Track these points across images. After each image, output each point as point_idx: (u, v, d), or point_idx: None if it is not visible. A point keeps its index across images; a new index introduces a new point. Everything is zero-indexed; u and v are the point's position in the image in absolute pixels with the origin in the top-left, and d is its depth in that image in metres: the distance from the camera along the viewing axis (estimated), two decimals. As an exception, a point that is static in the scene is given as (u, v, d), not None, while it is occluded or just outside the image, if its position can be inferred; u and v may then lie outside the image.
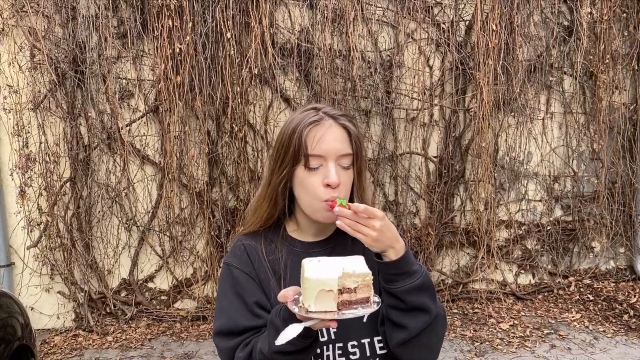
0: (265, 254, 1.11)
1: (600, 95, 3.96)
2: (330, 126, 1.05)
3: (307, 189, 1.04)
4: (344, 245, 1.11)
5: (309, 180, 1.04)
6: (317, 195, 1.03)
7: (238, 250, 1.13)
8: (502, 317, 3.80)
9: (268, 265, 1.09)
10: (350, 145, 1.06)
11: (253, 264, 1.09)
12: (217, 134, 3.61)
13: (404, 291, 0.94)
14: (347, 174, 1.05)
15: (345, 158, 1.05)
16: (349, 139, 1.06)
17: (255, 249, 1.12)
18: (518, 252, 4.19)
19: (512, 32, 3.71)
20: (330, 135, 1.04)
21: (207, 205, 3.61)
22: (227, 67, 3.41)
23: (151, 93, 3.61)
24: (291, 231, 1.16)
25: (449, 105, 3.85)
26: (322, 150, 1.03)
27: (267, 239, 1.13)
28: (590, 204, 4.18)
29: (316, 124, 1.05)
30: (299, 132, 1.04)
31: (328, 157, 1.03)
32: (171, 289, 3.78)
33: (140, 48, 3.55)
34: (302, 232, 1.15)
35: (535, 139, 4.06)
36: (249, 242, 1.13)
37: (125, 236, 3.69)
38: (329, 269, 0.85)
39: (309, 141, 1.03)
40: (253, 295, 1.05)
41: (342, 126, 1.06)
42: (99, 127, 3.57)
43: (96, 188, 3.61)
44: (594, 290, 4.15)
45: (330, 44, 3.58)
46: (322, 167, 1.04)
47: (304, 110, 1.10)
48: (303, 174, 1.04)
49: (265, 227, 1.15)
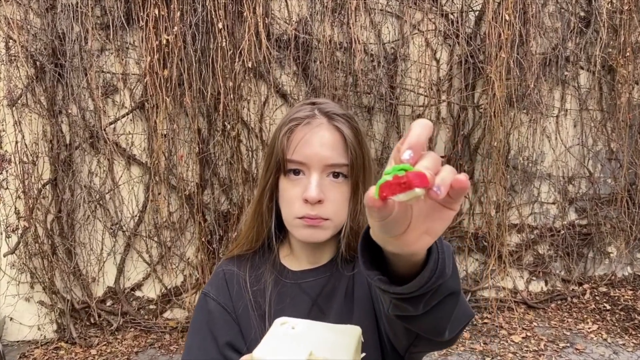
0: (249, 283, 0.92)
1: (619, 90, 3.70)
2: (319, 126, 0.83)
3: (285, 201, 0.85)
4: (341, 277, 0.91)
5: (287, 191, 0.84)
6: (292, 210, 0.83)
7: (217, 277, 0.95)
8: (514, 329, 3.55)
9: (251, 297, 0.90)
10: (345, 154, 0.83)
11: (231, 295, 0.91)
12: (208, 132, 3.36)
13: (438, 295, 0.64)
14: (338, 189, 0.84)
15: (336, 168, 0.83)
16: (343, 145, 0.83)
17: (237, 277, 0.93)
18: (530, 257, 3.94)
19: (525, 22, 3.45)
20: (317, 138, 0.82)
21: (198, 208, 3.37)
22: (218, 60, 3.15)
23: (137, 88, 3.36)
24: (283, 256, 0.96)
25: (457, 102, 3.59)
26: (303, 156, 0.81)
27: (254, 265, 0.95)
28: (607, 207, 3.93)
29: (302, 122, 0.83)
30: (280, 131, 0.83)
31: (311, 166, 0.82)
32: (160, 298, 3.54)
33: (125, 40, 3.30)
34: (296, 257, 0.95)
35: (548, 138, 3.80)
36: (231, 268, 0.95)
37: (111, 242, 3.45)
38: (291, 348, 0.62)
39: (289, 143, 0.82)
40: (226, 335, 0.88)
41: (335, 129, 0.83)
42: (82, 125, 3.32)
43: (79, 190, 3.36)
44: (611, 298, 3.90)
45: (330, 35, 3.32)
46: (304, 176, 0.83)
47: (301, 104, 0.89)
48: (283, 184, 0.85)
49: (254, 250, 0.95)
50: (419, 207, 0.50)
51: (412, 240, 0.52)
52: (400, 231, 0.51)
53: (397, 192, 0.43)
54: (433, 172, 0.45)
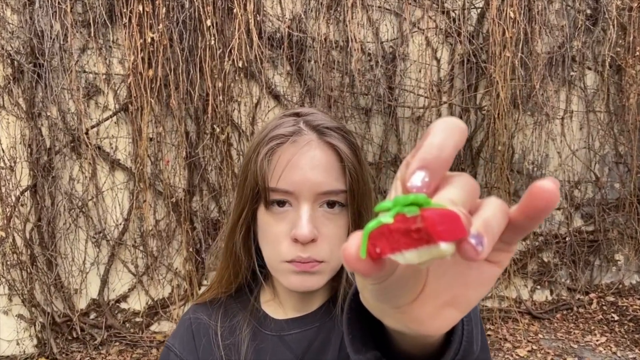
0: (220, 336, 0.75)
1: (627, 91, 3.54)
2: (308, 145, 0.65)
3: (267, 240, 0.67)
4: (334, 328, 0.75)
5: (269, 227, 0.67)
6: (277, 252, 0.66)
7: (182, 327, 0.78)
8: (519, 341, 3.39)
9: (222, 354, 0.74)
10: (342, 177, 0.66)
11: (198, 351, 0.76)
12: (196, 135, 3.18)
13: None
14: (335, 223, 0.66)
15: (331, 196, 0.65)
16: (340, 166, 0.66)
17: (205, 329, 0.77)
18: (534, 265, 3.78)
19: (530, 20, 3.29)
20: (307, 159, 0.65)
21: (186, 216, 3.19)
22: (207, 59, 2.97)
23: (122, 89, 3.18)
24: (265, 302, 0.79)
25: (459, 103, 3.42)
26: (290, 184, 0.64)
27: (228, 312, 0.77)
28: (614, 213, 3.77)
29: (285, 140, 0.66)
30: (257, 152, 0.66)
31: (300, 195, 0.64)
32: (146, 310, 3.35)
33: (107, 38, 3.12)
34: (280, 303, 0.78)
35: (553, 141, 3.64)
36: (199, 316, 0.78)
37: (94, 252, 3.26)
38: None
39: (270, 167, 0.65)
40: None
41: (329, 146, 0.66)
42: (62, 128, 3.13)
43: (60, 197, 3.18)
44: (619, 308, 3.74)
45: (325, 33, 3.15)
46: (291, 208, 0.66)
47: (282, 115, 0.71)
48: (264, 218, 0.67)
49: (229, 294, 0.79)
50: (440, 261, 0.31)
51: (427, 315, 0.33)
52: (407, 300, 0.33)
53: (402, 247, 0.25)
54: (467, 209, 0.28)
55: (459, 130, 0.29)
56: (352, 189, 0.66)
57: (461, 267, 0.33)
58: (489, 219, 0.28)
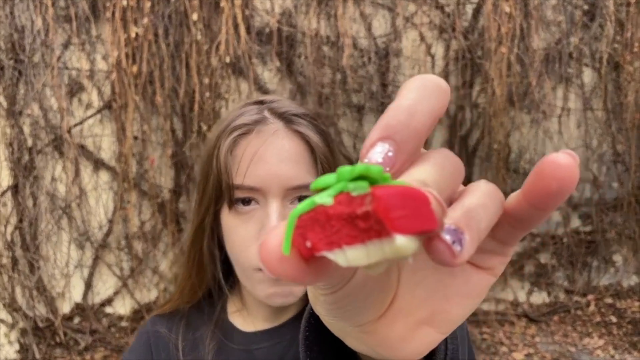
0: (182, 351, 0.67)
1: (625, 89, 3.46)
2: (274, 135, 0.58)
3: (234, 246, 0.60)
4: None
5: (235, 231, 0.59)
6: (247, 259, 0.59)
7: (140, 341, 0.71)
8: (515, 345, 3.30)
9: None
10: (314, 169, 0.59)
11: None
12: (183, 133, 3.08)
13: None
14: None
15: (303, 191, 0.59)
16: (310, 157, 0.59)
17: (165, 343, 0.69)
18: (531, 267, 3.70)
19: (527, 15, 3.21)
20: (274, 151, 0.58)
21: (173, 217, 3.09)
22: (193, 55, 2.88)
23: (106, 86, 3.08)
24: (232, 313, 0.71)
25: (454, 100, 3.34)
26: (257, 179, 0.57)
27: (191, 325, 0.70)
28: (612, 213, 3.70)
29: (249, 129, 0.58)
30: (218, 147, 0.58)
31: (268, 192, 0.57)
32: (132, 314, 3.26)
33: (91, 33, 3.02)
34: (249, 313, 0.70)
35: (550, 139, 3.56)
36: (159, 328, 0.70)
37: (77, 254, 3.17)
38: None
39: (234, 162, 0.58)
40: None
41: (297, 135, 0.59)
42: (45, 127, 3.03)
43: (42, 198, 3.08)
44: (617, 310, 3.66)
45: (316, 28, 3.06)
46: (258, 206, 0.59)
47: (244, 104, 0.63)
48: (228, 220, 0.60)
49: (192, 305, 0.72)
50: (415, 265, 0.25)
51: (398, 336, 0.25)
52: (371, 317, 0.25)
53: (343, 240, 0.17)
54: (445, 196, 0.21)
55: (437, 89, 0.21)
56: None
57: (442, 274, 0.25)
58: (474, 208, 0.20)
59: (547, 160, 0.20)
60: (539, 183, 0.20)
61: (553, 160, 0.20)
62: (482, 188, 0.22)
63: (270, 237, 0.19)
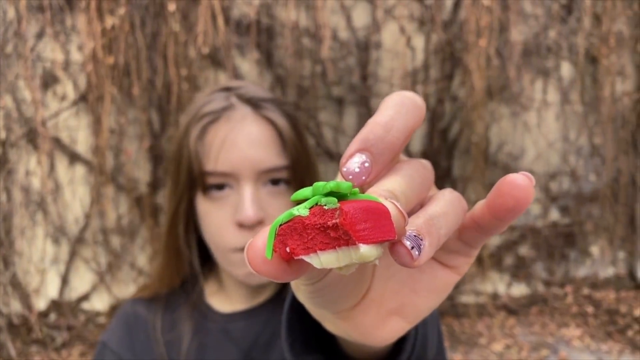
0: (160, 331, 0.70)
1: (602, 82, 3.51)
2: (243, 120, 0.60)
3: (209, 230, 0.63)
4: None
5: (210, 215, 0.62)
6: (224, 241, 0.61)
7: (118, 322, 0.73)
8: (494, 336, 3.34)
9: (162, 350, 0.68)
10: (283, 152, 0.61)
11: (135, 347, 0.71)
12: (160, 126, 3.05)
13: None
14: (280, 201, 0.62)
15: (273, 173, 0.61)
16: (279, 141, 0.61)
17: (144, 323, 0.72)
18: (510, 259, 3.74)
19: (506, 8, 3.23)
20: (243, 136, 0.60)
21: (150, 211, 3.06)
22: (171, 46, 2.84)
23: (81, 78, 3.02)
24: (210, 294, 0.74)
25: (434, 93, 3.35)
26: (228, 164, 0.59)
27: (170, 306, 0.73)
28: (590, 205, 3.75)
29: (217, 116, 0.61)
30: (188, 134, 0.62)
31: (240, 175, 0.59)
32: (110, 310, 3.22)
33: (65, 24, 2.96)
34: (227, 295, 0.73)
35: (529, 132, 3.60)
36: (138, 309, 0.73)
37: (53, 249, 3.11)
38: None
39: (205, 148, 0.60)
40: None
41: (265, 120, 0.62)
42: (17, 119, 2.97)
43: (17, 192, 3.02)
44: (594, 301, 3.73)
45: (295, 20, 3.04)
46: (231, 190, 0.60)
47: (211, 91, 0.65)
48: (203, 206, 0.63)
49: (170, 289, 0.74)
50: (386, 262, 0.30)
51: (370, 323, 0.29)
52: (347, 305, 0.29)
53: (317, 247, 0.21)
54: (415, 203, 0.25)
55: (413, 106, 0.26)
56: (294, 164, 0.62)
57: (411, 270, 0.29)
58: (435, 216, 0.24)
59: (506, 180, 0.24)
60: (498, 199, 0.24)
61: (511, 180, 0.23)
62: (446, 197, 0.25)
63: (256, 242, 0.22)
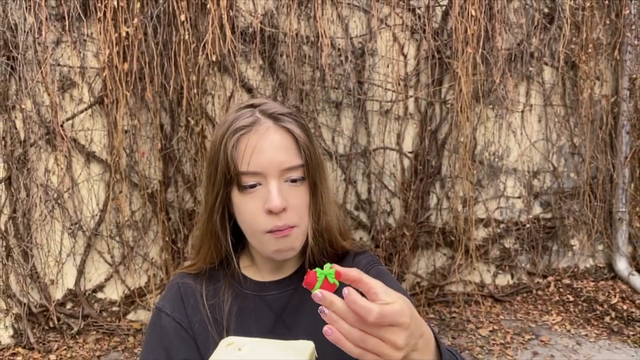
0: (205, 297, 0.87)
1: (581, 86, 3.77)
2: (267, 131, 0.79)
3: (244, 217, 0.81)
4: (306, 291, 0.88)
5: (245, 206, 0.80)
6: (256, 225, 0.79)
7: (171, 291, 0.90)
8: (481, 322, 3.59)
9: (207, 312, 0.85)
10: (299, 154, 0.80)
11: (187, 310, 0.86)
12: (171, 128, 3.26)
13: None
14: (299, 192, 0.81)
15: (292, 172, 0.79)
16: (295, 145, 0.80)
17: (192, 291, 0.88)
18: (496, 251, 3.99)
19: (491, 18, 3.47)
20: (268, 143, 0.78)
21: (162, 207, 3.26)
22: (181, 53, 3.05)
23: (96, 83, 3.23)
24: (244, 267, 0.91)
25: (424, 97, 3.59)
26: (258, 166, 0.78)
27: (212, 278, 0.90)
28: (570, 201, 4.01)
29: (248, 129, 0.79)
30: (225, 143, 0.79)
31: (268, 174, 0.78)
32: (123, 299, 3.42)
33: (82, 32, 3.16)
34: (258, 268, 0.90)
35: (514, 133, 3.84)
36: (187, 280, 0.90)
37: (70, 242, 3.31)
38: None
39: (239, 154, 0.78)
40: (182, 353, 0.83)
41: (284, 130, 0.80)
42: (37, 121, 3.16)
43: (35, 189, 3.21)
44: (574, 290, 3.98)
45: (296, 29, 3.26)
46: (261, 186, 0.79)
47: (239, 107, 0.84)
48: (238, 198, 0.80)
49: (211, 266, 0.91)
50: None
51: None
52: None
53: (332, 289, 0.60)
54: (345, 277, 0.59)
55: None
56: (308, 162, 0.79)
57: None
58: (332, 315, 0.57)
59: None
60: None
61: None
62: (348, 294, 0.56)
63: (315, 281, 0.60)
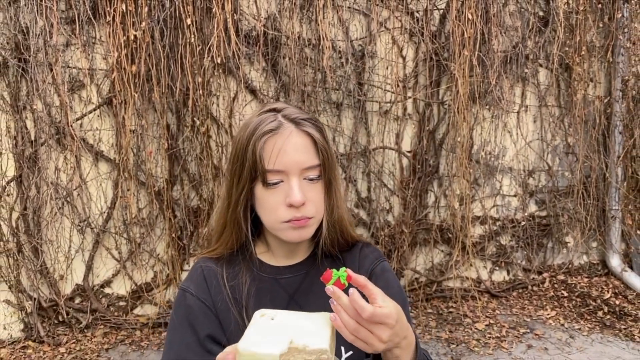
0: (225, 279, 0.97)
1: (575, 87, 3.87)
2: (290, 134, 0.89)
3: (266, 208, 0.91)
4: (319, 274, 0.99)
5: (268, 199, 0.90)
6: (277, 216, 0.90)
7: (195, 273, 1.00)
8: (478, 317, 3.69)
9: (228, 292, 0.95)
10: (317, 155, 0.90)
11: (210, 290, 0.96)
12: (177, 128, 3.36)
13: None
14: (316, 189, 0.91)
15: (311, 170, 0.90)
16: (314, 147, 0.91)
17: (214, 273, 0.98)
18: (492, 248, 4.09)
19: (487, 21, 3.57)
20: (291, 145, 0.89)
21: (168, 204, 3.37)
22: (187, 56, 3.15)
23: (104, 84, 3.33)
24: (260, 253, 1.02)
25: (423, 98, 3.69)
26: (282, 165, 0.88)
27: (231, 262, 1.00)
28: (564, 199, 4.12)
29: (274, 133, 0.89)
30: (253, 144, 0.88)
31: (290, 172, 0.88)
32: (130, 294, 3.52)
33: (91, 35, 3.26)
34: (273, 254, 1.01)
35: (509, 133, 3.95)
36: (208, 264, 1.00)
37: (79, 239, 3.41)
38: (272, 339, 0.66)
39: (265, 154, 0.88)
40: (206, 328, 0.92)
41: (305, 133, 0.90)
42: (47, 121, 3.26)
43: (45, 187, 3.31)
44: (568, 286, 4.09)
45: (298, 32, 3.37)
46: (283, 183, 0.89)
47: (261, 112, 0.94)
48: (262, 192, 0.91)
49: (230, 252, 1.01)
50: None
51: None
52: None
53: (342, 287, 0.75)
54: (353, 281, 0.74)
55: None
56: (324, 162, 0.91)
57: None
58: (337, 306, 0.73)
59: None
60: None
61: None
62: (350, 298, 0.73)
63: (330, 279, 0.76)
